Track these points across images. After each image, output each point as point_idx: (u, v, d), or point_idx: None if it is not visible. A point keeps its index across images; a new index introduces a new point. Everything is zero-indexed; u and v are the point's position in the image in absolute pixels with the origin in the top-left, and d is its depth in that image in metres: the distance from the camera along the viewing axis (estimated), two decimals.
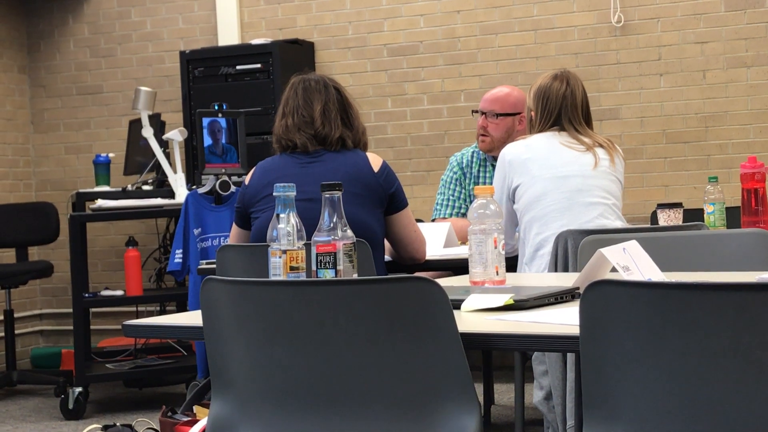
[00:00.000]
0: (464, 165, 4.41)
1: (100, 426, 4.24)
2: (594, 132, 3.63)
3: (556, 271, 3.23)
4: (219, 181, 4.74)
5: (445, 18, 5.96)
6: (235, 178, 4.75)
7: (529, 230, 3.51)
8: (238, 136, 4.75)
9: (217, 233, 4.82)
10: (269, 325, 1.78)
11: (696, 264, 2.67)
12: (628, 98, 5.64)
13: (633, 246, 2.07)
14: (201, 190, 4.83)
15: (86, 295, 5.27)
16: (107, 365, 5.44)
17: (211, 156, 4.72)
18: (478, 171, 4.39)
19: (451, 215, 4.36)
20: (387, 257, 3.53)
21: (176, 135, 5.33)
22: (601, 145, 3.57)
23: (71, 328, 5.36)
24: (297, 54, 6.00)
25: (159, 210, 5.47)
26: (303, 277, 2.07)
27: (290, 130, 3.37)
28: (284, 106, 3.42)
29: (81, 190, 5.90)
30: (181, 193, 5.36)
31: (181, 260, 4.83)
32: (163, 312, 6.02)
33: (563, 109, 3.57)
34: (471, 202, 4.08)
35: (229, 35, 6.29)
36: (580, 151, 3.54)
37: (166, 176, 5.56)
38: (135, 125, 5.90)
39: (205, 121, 4.72)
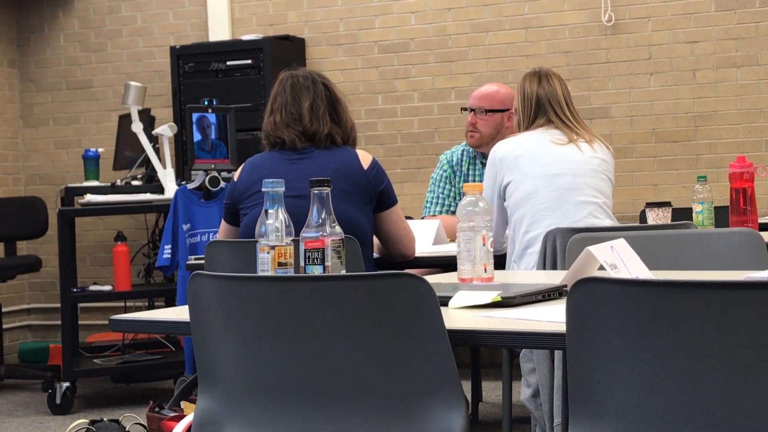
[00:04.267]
0: (454, 163, 4.41)
1: (88, 421, 4.23)
2: (584, 128, 3.64)
3: (544, 269, 3.24)
4: (208, 177, 4.73)
5: (436, 15, 5.96)
6: (224, 174, 4.75)
7: (519, 228, 3.51)
8: (228, 132, 4.74)
9: (206, 229, 4.81)
10: (257, 320, 1.78)
11: (684, 263, 2.67)
12: (618, 97, 5.65)
13: (621, 244, 2.07)
14: (190, 186, 4.82)
15: (74, 290, 5.26)
16: (95, 360, 5.43)
17: (201, 152, 4.71)
18: (468, 169, 4.40)
19: (440, 213, 4.37)
20: (375, 254, 3.53)
21: (166, 130, 5.32)
22: (590, 143, 3.58)
23: (59, 323, 5.35)
24: (288, 50, 6.00)
25: (148, 205, 5.46)
26: (291, 272, 2.07)
27: (278, 127, 3.37)
28: (272, 102, 3.41)
29: (70, 185, 5.88)
30: (171, 188, 5.35)
31: (169, 256, 4.83)
32: (151, 307, 6.01)
33: (541, 104, 3.58)
34: (461, 199, 4.08)
35: (219, 31, 6.28)
36: (570, 148, 3.54)
37: (155, 171, 5.55)
38: (125, 120, 5.89)
39: (195, 116, 4.72)
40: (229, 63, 5.88)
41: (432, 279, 2.38)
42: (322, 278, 1.86)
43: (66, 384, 5.12)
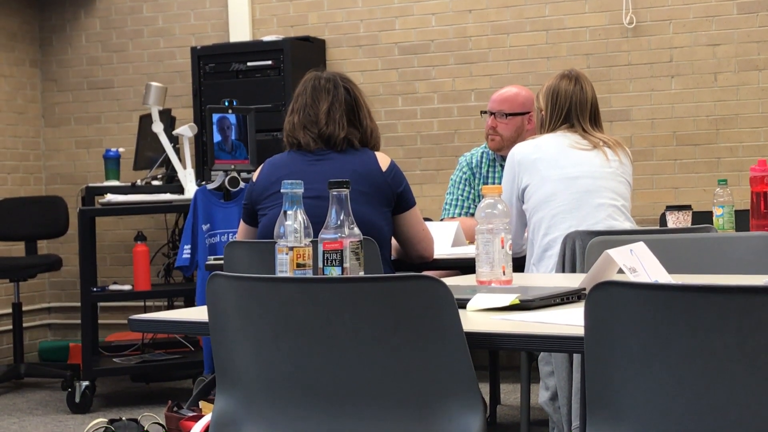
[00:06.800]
0: (473, 165, 4.41)
1: (107, 420, 4.25)
2: (603, 133, 3.63)
3: (563, 271, 3.23)
4: (228, 177, 4.75)
5: (457, 17, 5.96)
6: (244, 175, 4.76)
7: (538, 231, 3.50)
8: (248, 133, 4.75)
9: (225, 229, 4.82)
10: (275, 321, 1.78)
11: (704, 267, 2.66)
12: (639, 100, 5.63)
13: (640, 247, 2.06)
14: (210, 186, 4.84)
15: (94, 289, 5.28)
16: (114, 359, 5.45)
17: (221, 152, 4.72)
18: (487, 171, 4.39)
19: (459, 215, 4.36)
20: (393, 255, 3.52)
21: (186, 131, 5.34)
22: (609, 146, 3.57)
23: (79, 322, 5.37)
24: (308, 51, 6.01)
25: (168, 205, 5.48)
26: (309, 274, 2.07)
27: (296, 128, 3.38)
28: (294, 102, 3.42)
29: (91, 185, 5.91)
30: (191, 188, 5.37)
31: (189, 256, 4.84)
32: (170, 307, 6.03)
33: (572, 107, 3.57)
34: (480, 201, 4.07)
35: (240, 31, 6.29)
36: (589, 151, 3.54)
37: (175, 172, 5.57)
38: (145, 120, 5.91)
39: (215, 117, 4.73)
40: (249, 64, 5.89)
41: (450, 281, 2.38)
42: (341, 280, 1.86)
43: (85, 383, 5.14)
